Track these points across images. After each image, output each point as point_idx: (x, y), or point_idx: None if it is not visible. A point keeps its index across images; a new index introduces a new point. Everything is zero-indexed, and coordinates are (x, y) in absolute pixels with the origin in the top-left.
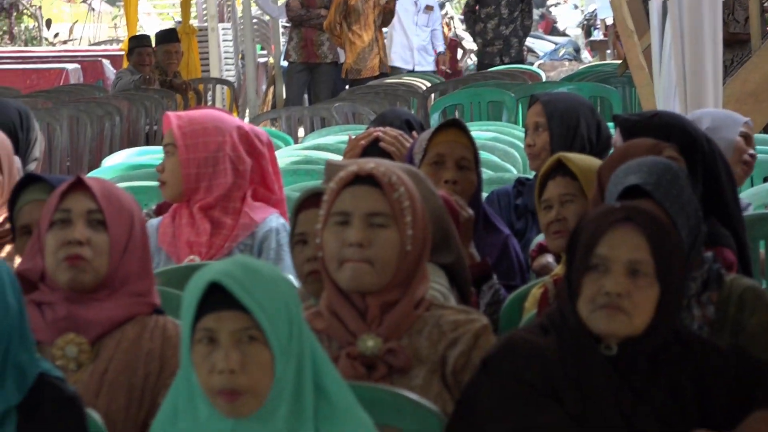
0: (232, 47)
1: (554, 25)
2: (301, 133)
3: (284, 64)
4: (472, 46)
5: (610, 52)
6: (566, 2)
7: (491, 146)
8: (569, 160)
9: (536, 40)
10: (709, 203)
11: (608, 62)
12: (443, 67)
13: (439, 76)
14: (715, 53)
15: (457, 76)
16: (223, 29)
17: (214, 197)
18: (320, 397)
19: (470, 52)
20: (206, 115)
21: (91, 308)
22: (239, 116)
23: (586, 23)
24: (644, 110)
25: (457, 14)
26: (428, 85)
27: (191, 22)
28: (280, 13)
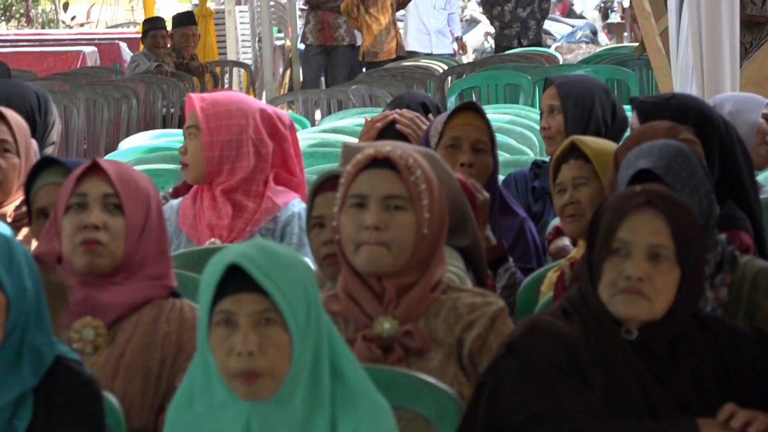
0: (248, 30)
1: (571, 7)
2: (317, 115)
3: (301, 46)
4: (489, 28)
5: (627, 34)
6: None
7: (508, 129)
8: (583, 143)
9: (553, 22)
10: (725, 186)
11: (625, 45)
12: (460, 51)
13: (456, 59)
14: (732, 36)
15: None
16: (240, 12)
17: (236, 180)
18: (337, 380)
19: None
20: (229, 97)
21: (107, 292)
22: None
23: (603, 6)
24: (661, 93)
25: None
26: (445, 67)
27: (208, 4)
28: None
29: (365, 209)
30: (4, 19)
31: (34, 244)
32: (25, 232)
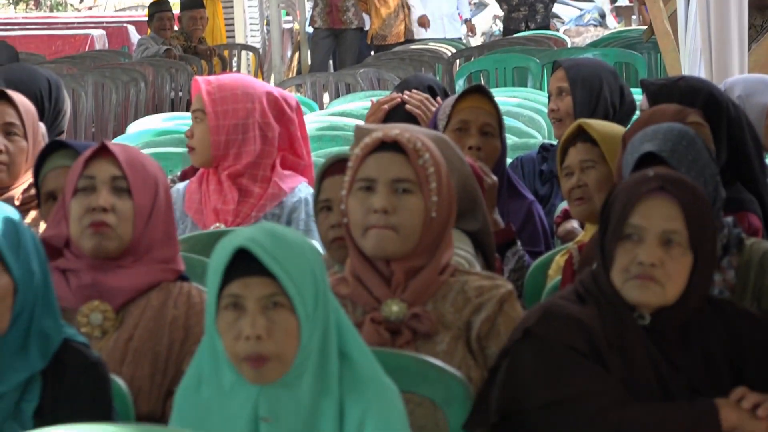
0: (257, 13)
1: None
2: (326, 99)
3: (309, 30)
4: (497, 11)
5: (635, 17)
6: None
7: (516, 112)
8: (590, 126)
9: (561, 5)
10: (734, 168)
11: (634, 28)
12: (469, 34)
13: (464, 42)
14: (740, 19)
15: None
16: None
17: (242, 165)
18: (345, 363)
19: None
20: (236, 80)
21: (115, 275)
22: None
23: None
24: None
25: None
26: (453, 51)
27: None
28: None
29: (373, 192)
30: (12, 2)
31: (42, 227)
32: (33, 215)
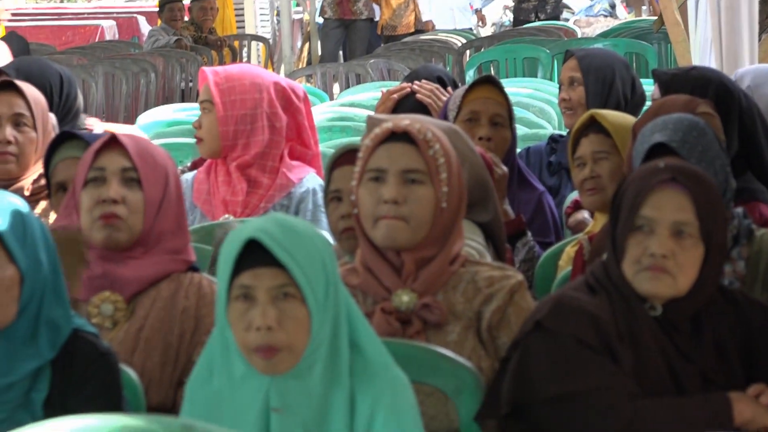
0: (267, 3)
1: None
2: (336, 89)
3: (319, 20)
4: (508, 1)
5: (645, 8)
6: None
7: (526, 103)
8: (602, 117)
9: None
10: (744, 159)
11: (644, 18)
12: (479, 24)
13: (474, 33)
14: (750, 9)
15: None
16: None
17: (251, 155)
18: (355, 354)
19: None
20: (243, 70)
21: (126, 266)
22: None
23: None
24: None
25: None
26: (463, 41)
27: None
28: None
29: (384, 183)
30: None
31: (52, 217)
32: (43, 205)
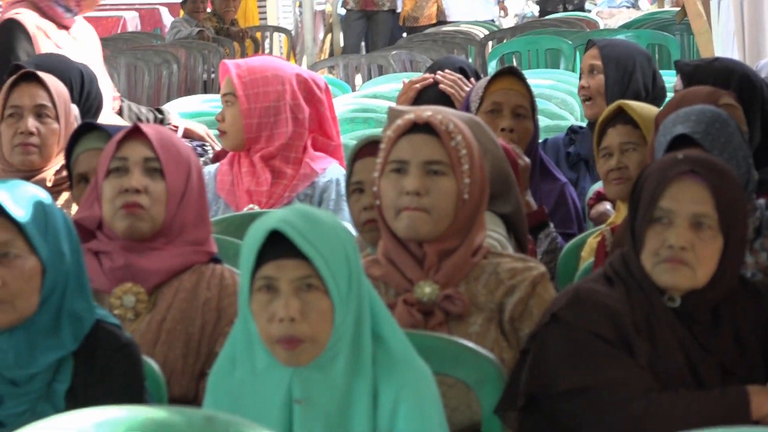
0: None
1: None
2: (358, 80)
3: (342, 11)
4: None
5: None
6: None
7: (548, 94)
8: (630, 108)
9: None
10: (767, 150)
11: (666, 9)
12: (501, 14)
13: (497, 24)
14: None
15: None
16: None
17: (275, 147)
18: (378, 345)
19: None
20: (265, 63)
21: (148, 257)
22: (296, 64)
23: None
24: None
25: None
26: (485, 32)
27: None
28: None
29: (406, 174)
30: None
31: (74, 208)
32: (65, 196)
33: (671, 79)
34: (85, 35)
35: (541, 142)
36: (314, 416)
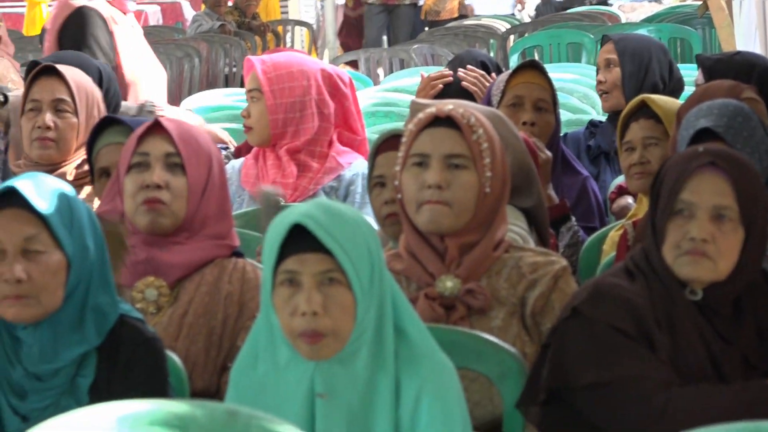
0: None
1: None
2: (379, 74)
3: None
4: None
5: None
6: None
7: (570, 88)
8: (653, 102)
9: None
10: None
11: (688, 3)
12: (519, 8)
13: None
14: None
15: None
16: None
17: (301, 142)
18: (400, 339)
19: None
20: (290, 58)
21: (170, 251)
22: (318, 58)
23: None
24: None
25: None
26: (507, 26)
27: None
28: None
29: (427, 168)
30: None
31: (96, 203)
32: (87, 191)
33: (692, 73)
34: (136, 24)
35: (561, 136)
36: (337, 410)
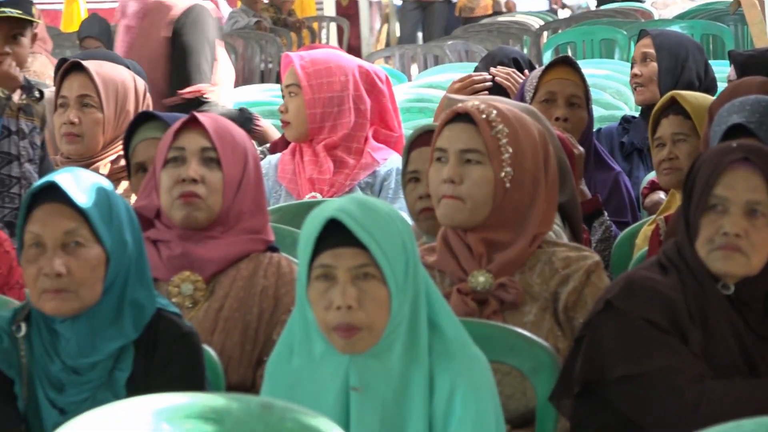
0: None
1: None
2: (414, 70)
3: (398, 2)
4: None
5: None
6: None
7: (603, 84)
8: (683, 98)
9: None
10: None
11: (720, 0)
12: (555, 5)
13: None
14: None
15: None
16: None
17: (338, 137)
18: (434, 333)
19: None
20: (327, 54)
21: (206, 246)
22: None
23: None
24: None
25: None
26: (541, 23)
27: None
28: None
29: (445, 163)
30: None
31: (133, 198)
32: (124, 186)
33: (725, 69)
34: None
35: (594, 131)
36: (371, 403)
